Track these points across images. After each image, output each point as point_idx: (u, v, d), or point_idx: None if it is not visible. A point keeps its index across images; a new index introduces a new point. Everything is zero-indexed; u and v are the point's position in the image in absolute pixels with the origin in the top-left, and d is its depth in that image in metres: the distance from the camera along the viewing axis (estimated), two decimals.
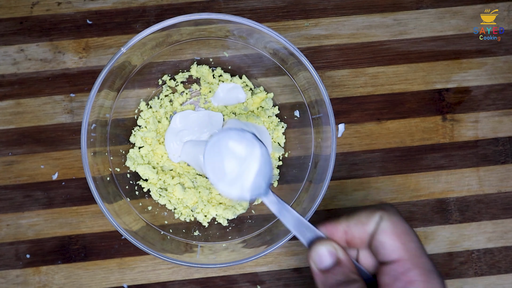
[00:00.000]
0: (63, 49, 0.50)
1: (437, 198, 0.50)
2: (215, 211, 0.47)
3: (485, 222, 0.50)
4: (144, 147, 0.48)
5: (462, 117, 0.51)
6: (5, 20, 0.50)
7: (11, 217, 0.49)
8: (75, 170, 0.49)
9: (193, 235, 0.47)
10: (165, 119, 0.49)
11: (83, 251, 0.49)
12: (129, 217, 0.44)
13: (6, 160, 0.49)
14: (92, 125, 0.42)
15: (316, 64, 0.50)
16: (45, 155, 0.49)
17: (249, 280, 0.49)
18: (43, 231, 0.49)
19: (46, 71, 0.50)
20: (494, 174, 0.50)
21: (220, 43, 0.47)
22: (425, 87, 0.51)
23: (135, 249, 0.48)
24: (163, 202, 0.47)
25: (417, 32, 0.51)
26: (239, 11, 0.50)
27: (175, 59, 0.48)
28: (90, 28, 0.50)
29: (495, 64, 0.51)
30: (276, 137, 0.49)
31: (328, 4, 0.51)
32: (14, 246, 0.48)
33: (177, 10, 0.50)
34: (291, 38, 0.50)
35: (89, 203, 0.49)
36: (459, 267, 0.50)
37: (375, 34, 0.51)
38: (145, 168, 0.47)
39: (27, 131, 0.49)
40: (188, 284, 0.49)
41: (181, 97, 0.49)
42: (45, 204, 0.49)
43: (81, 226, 0.49)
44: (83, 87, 0.50)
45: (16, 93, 0.49)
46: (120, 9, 0.50)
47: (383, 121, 0.50)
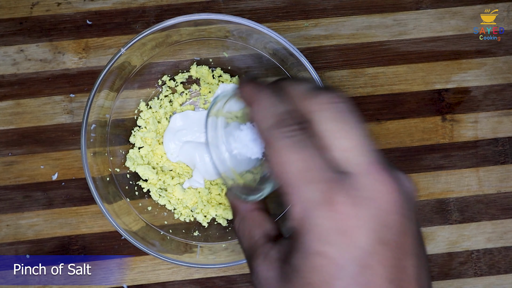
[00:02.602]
0: (63, 49, 0.50)
1: (436, 198, 0.50)
2: (214, 212, 0.47)
3: (484, 223, 0.50)
4: (143, 148, 0.48)
5: (462, 117, 0.51)
6: (5, 21, 0.50)
7: (11, 218, 0.49)
8: (75, 171, 0.49)
9: (192, 236, 0.47)
10: (164, 119, 0.49)
11: (83, 252, 0.49)
12: (129, 217, 0.44)
13: (6, 161, 0.49)
14: (92, 125, 0.42)
15: (316, 64, 0.50)
16: (45, 155, 0.49)
17: (249, 280, 0.49)
18: (43, 231, 0.49)
19: (46, 71, 0.50)
20: (493, 174, 0.50)
21: (220, 43, 0.47)
22: (425, 88, 0.51)
23: (135, 249, 0.48)
24: (162, 202, 0.47)
25: (417, 33, 0.51)
26: (239, 11, 0.50)
27: (174, 59, 0.48)
28: (90, 28, 0.50)
29: (494, 65, 0.51)
30: None
31: (327, 4, 0.51)
32: (14, 247, 0.48)
33: (176, 10, 0.50)
34: (290, 39, 0.50)
35: (89, 204, 0.49)
36: (458, 267, 0.50)
37: (374, 35, 0.51)
38: (144, 168, 0.47)
39: (27, 131, 0.49)
40: (188, 284, 0.49)
41: (180, 98, 0.49)
42: (45, 205, 0.49)
43: (81, 226, 0.49)
44: (83, 87, 0.50)
45: (16, 93, 0.49)
46: (119, 9, 0.50)
47: (383, 122, 0.50)
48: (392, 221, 0.20)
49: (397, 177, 0.21)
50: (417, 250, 0.21)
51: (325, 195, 0.20)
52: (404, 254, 0.20)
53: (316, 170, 0.21)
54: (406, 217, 0.21)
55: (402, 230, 0.20)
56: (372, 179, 0.20)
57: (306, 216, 0.20)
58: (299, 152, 0.21)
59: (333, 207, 0.20)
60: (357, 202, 0.20)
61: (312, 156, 0.21)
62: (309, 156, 0.21)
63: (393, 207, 0.20)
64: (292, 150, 0.21)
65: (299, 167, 0.21)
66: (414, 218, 0.21)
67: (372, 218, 0.20)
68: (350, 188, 0.20)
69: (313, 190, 0.20)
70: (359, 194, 0.20)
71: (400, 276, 0.20)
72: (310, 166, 0.21)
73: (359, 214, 0.20)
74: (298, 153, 0.21)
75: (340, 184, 0.20)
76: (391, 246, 0.20)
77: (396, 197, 0.20)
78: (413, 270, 0.21)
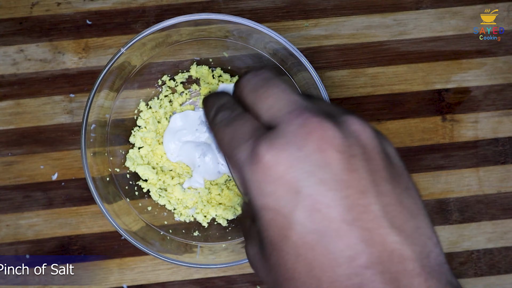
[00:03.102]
0: (63, 49, 0.50)
1: (436, 198, 0.50)
2: (214, 212, 0.47)
3: (484, 223, 0.50)
4: (143, 148, 0.48)
5: (462, 117, 0.50)
6: (5, 21, 0.50)
7: (10, 218, 0.49)
8: (74, 171, 0.49)
9: (192, 236, 0.47)
10: (164, 119, 0.48)
11: (83, 252, 0.49)
12: (129, 217, 0.44)
13: (6, 161, 0.49)
14: (91, 125, 0.42)
15: (316, 64, 0.50)
16: (44, 155, 0.49)
17: (248, 280, 0.49)
18: (43, 231, 0.49)
19: (46, 71, 0.50)
20: (494, 174, 0.50)
21: (220, 43, 0.47)
22: (425, 88, 0.51)
23: (134, 249, 0.48)
24: (162, 202, 0.47)
25: (417, 33, 0.51)
26: (239, 11, 0.50)
27: (174, 59, 0.48)
28: (89, 28, 0.50)
29: (495, 65, 0.51)
30: None
31: (328, 4, 0.51)
32: (13, 247, 0.48)
33: (176, 10, 0.50)
34: (290, 39, 0.50)
35: (89, 204, 0.49)
36: (459, 267, 0.49)
37: (375, 35, 0.51)
38: (144, 168, 0.47)
39: (27, 131, 0.49)
40: (188, 284, 0.49)
41: (180, 98, 0.49)
42: (44, 205, 0.49)
43: (80, 226, 0.49)
44: (83, 87, 0.50)
45: (15, 93, 0.49)
46: (119, 9, 0.50)
47: (383, 122, 0.50)
48: (324, 161, 0.19)
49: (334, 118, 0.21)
50: (382, 188, 0.20)
51: (251, 152, 0.20)
52: (358, 193, 0.19)
53: (243, 136, 0.21)
54: (346, 155, 0.19)
55: (345, 168, 0.19)
56: (295, 124, 0.20)
57: (242, 176, 0.21)
58: (229, 128, 0.22)
59: (257, 159, 0.20)
60: (283, 149, 0.20)
61: (241, 125, 0.22)
62: (238, 126, 0.22)
63: (325, 147, 0.19)
64: (223, 128, 0.22)
65: (229, 139, 0.22)
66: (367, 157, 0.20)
67: (304, 161, 0.19)
68: (272, 138, 0.20)
69: (241, 151, 0.21)
70: (281, 141, 0.20)
71: (360, 216, 0.19)
72: (237, 134, 0.21)
73: (285, 159, 0.19)
74: (228, 129, 0.22)
75: (263, 139, 0.20)
76: (333, 185, 0.19)
77: (326, 137, 0.20)
78: (377, 208, 0.19)
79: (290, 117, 0.20)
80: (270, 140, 0.20)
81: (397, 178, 0.21)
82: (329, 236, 0.19)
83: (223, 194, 0.48)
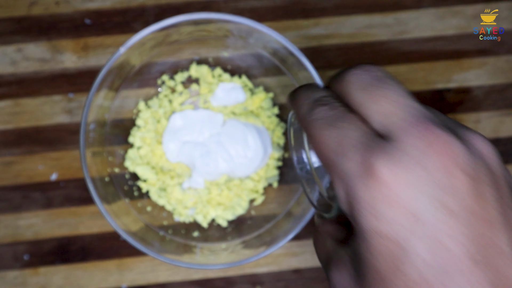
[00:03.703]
0: (62, 48, 0.49)
1: None
2: (214, 212, 0.47)
3: None
4: (143, 148, 0.48)
5: (463, 117, 0.50)
6: (3, 20, 0.49)
7: (9, 218, 0.48)
8: (73, 171, 0.49)
9: (192, 236, 0.47)
10: (164, 119, 0.48)
11: (82, 252, 0.48)
12: (128, 217, 0.44)
13: (4, 161, 0.49)
14: (90, 125, 0.42)
15: (316, 64, 0.50)
16: (43, 155, 0.49)
17: (248, 281, 0.49)
18: (42, 232, 0.48)
19: (45, 71, 0.49)
20: None
21: (220, 42, 0.47)
22: (426, 87, 0.50)
23: (134, 250, 0.48)
24: (162, 202, 0.47)
25: (418, 32, 0.51)
26: (239, 10, 0.50)
27: (174, 58, 0.48)
28: (88, 27, 0.50)
29: (496, 64, 0.51)
30: (276, 138, 0.49)
31: (328, 3, 0.50)
32: (12, 247, 0.48)
33: (176, 9, 0.50)
34: (291, 38, 0.50)
35: (88, 204, 0.48)
36: None
37: (375, 34, 0.50)
38: (144, 168, 0.47)
39: (25, 131, 0.49)
40: (188, 285, 0.48)
41: (180, 97, 0.49)
42: (43, 205, 0.48)
43: (79, 227, 0.48)
44: (82, 87, 0.49)
45: (14, 93, 0.49)
46: (119, 8, 0.50)
47: None
48: (450, 183, 0.17)
49: (456, 134, 0.18)
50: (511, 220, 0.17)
51: (363, 165, 0.18)
52: (488, 226, 0.17)
53: (351, 142, 0.18)
54: (474, 178, 0.17)
55: (473, 194, 0.17)
56: (416, 135, 0.17)
57: (350, 193, 0.18)
58: (332, 129, 0.19)
59: (373, 175, 0.17)
60: (402, 165, 0.17)
61: (347, 129, 0.19)
62: (343, 130, 0.19)
63: (450, 167, 0.17)
64: (324, 128, 0.19)
65: (333, 143, 0.19)
66: (495, 182, 0.18)
67: (426, 181, 0.17)
68: (391, 151, 0.17)
69: (349, 160, 0.18)
70: (400, 154, 0.17)
71: (488, 252, 0.16)
72: (344, 139, 0.19)
73: (405, 176, 0.17)
74: (330, 130, 0.19)
75: (379, 150, 0.17)
76: (458, 214, 0.16)
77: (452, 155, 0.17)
78: (506, 243, 0.17)
79: (409, 127, 0.18)
80: (386, 152, 0.17)
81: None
82: (451, 274, 0.16)
83: (223, 195, 0.47)
